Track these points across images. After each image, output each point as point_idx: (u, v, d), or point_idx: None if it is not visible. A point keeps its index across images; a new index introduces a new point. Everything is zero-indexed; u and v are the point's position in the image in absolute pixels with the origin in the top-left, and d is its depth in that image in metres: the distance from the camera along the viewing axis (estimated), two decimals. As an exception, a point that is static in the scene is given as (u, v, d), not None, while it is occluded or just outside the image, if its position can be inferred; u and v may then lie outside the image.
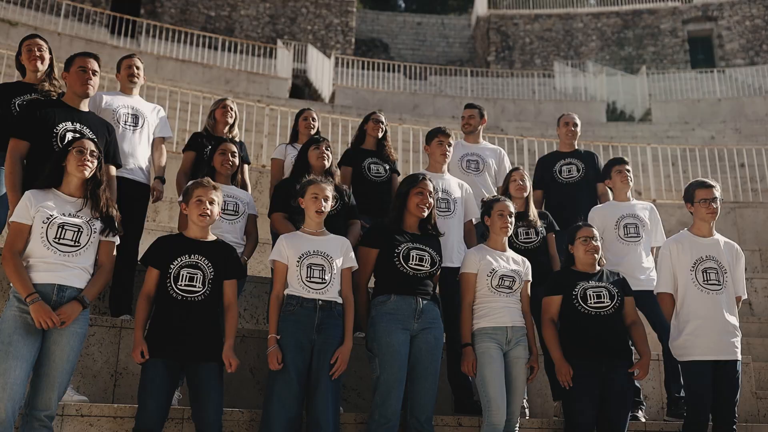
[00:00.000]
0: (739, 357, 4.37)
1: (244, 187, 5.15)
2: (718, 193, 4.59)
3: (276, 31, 26.49)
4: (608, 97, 21.17)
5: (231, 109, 5.57)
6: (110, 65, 15.09)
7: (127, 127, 4.92)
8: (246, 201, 4.81)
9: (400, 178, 5.33)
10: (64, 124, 4.01)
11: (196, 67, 17.54)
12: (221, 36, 22.32)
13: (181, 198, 4.20)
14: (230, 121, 5.51)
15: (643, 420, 4.92)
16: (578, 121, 6.25)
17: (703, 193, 4.57)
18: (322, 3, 27.30)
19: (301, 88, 22.19)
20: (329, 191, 4.05)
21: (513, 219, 4.46)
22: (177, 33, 21.06)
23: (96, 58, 4.21)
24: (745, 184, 12.24)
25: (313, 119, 5.76)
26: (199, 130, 5.87)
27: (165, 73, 16.73)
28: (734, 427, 4.31)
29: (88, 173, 3.51)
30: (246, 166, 5.45)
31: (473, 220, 5.09)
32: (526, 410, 4.75)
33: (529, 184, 5.23)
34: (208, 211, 3.71)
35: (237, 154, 4.84)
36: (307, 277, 3.83)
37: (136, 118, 5.00)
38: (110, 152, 4.25)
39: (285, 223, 4.51)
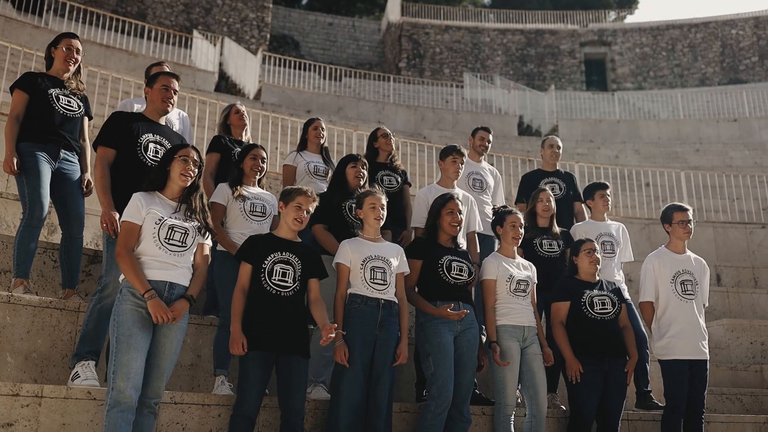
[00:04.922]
0: (708, 357, 5.18)
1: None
2: (691, 215, 5.39)
3: (190, 20, 26.04)
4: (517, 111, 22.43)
5: (244, 113, 5.87)
6: (33, 45, 14.60)
7: None
8: (272, 203, 5.12)
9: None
10: (146, 135, 4.32)
11: (121, 54, 17.10)
12: (137, 21, 21.70)
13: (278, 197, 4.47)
14: (246, 123, 5.80)
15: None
16: (561, 144, 6.92)
17: (681, 215, 5.36)
18: (238, -5, 27.11)
19: (217, 81, 21.97)
20: (384, 200, 4.51)
21: (523, 230, 5.06)
22: (86, 13, 20.30)
23: (178, 78, 4.52)
24: (651, 203, 13.52)
25: (323, 128, 6.13)
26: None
27: (89, 59, 16.17)
28: (702, 417, 5.12)
29: (189, 182, 3.74)
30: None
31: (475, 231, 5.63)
32: (518, 399, 5.35)
33: (554, 203, 5.82)
34: (303, 219, 4.06)
35: (266, 160, 5.16)
36: (371, 279, 4.26)
37: None
38: None
39: (326, 234, 4.84)
